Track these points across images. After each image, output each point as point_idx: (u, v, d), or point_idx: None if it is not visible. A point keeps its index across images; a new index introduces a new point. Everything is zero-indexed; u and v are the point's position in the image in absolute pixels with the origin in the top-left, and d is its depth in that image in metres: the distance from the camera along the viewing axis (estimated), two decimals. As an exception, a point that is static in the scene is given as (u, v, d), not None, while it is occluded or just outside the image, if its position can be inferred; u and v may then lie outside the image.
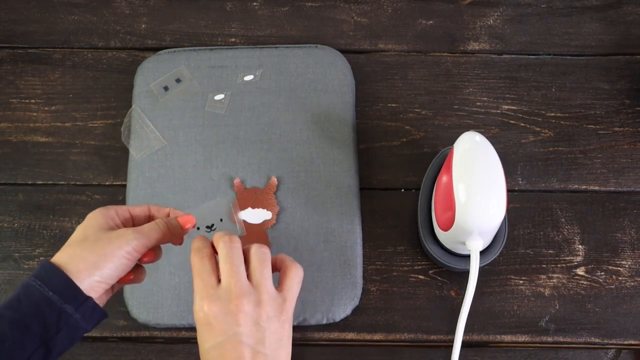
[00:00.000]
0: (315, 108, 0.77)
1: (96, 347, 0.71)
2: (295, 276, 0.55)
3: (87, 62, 0.82)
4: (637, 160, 0.78)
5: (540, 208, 0.75)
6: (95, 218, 0.59)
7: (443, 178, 0.65)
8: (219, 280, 0.53)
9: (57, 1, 0.85)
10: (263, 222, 0.72)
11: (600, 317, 0.72)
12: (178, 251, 0.71)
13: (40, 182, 0.77)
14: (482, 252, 0.68)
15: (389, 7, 0.85)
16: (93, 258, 0.56)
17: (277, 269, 0.56)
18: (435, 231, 0.70)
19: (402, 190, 0.76)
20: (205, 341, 0.52)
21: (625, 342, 0.71)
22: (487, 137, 0.65)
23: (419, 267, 0.74)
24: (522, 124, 0.79)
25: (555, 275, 0.73)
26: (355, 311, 0.71)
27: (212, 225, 0.62)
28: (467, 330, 0.70)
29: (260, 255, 0.54)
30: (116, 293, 0.72)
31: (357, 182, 0.74)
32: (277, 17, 0.84)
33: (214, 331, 0.51)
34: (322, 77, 0.78)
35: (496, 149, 0.64)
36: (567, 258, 0.74)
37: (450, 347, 0.69)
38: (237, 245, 0.54)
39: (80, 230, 0.58)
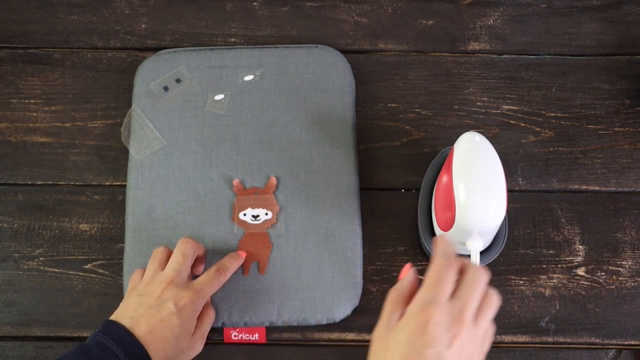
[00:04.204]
0: (315, 108, 0.77)
1: (96, 348, 0.71)
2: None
3: (87, 62, 0.82)
4: (637, 160, 0.77)
5: (541, 208, 0.75)
6: (190, 320, 0.63)
7: (443, 178, 0.65)
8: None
9: (57, 1, 0.85)
10: (263, 222, 0.72)
11: (601, 317, 0.72)
12: (178, 251, 0.72)
13: (40, 183, 0.77)
14: (482, 253, 0.68)
15: (389, 7, 0.85)
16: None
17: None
18: (436, 231, 0.70)
19: (402, 190, 0.76)
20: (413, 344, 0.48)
21: (626, 343, 0.71)
22: (487, 137, 0.65)
23: (419, 267, 0.73)
24: (522, 124, 0.79)
25: (556, 275, 0.73)
26: (356, 311, 0.71)
27: (258, 215, 0.70)
28: (467, 331, 0.70)
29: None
30: (116, 293, 0.73)
31: (357, 182, 0.74)
32: (277, 17, 0.84)
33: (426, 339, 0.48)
34: (322, 77, 0.78)
35: (496, 149, 0.64)
36: (567, 258, 0.74)
37: (450, 347, 0.69)
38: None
39: (178, 330, 0.61)
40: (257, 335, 0.70)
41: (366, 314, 0.72)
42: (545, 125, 0.79)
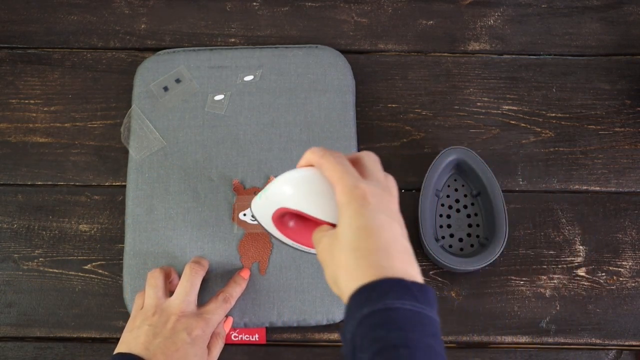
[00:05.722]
0: (315, 108, 0.76)
1: (96, 349, 0.71)
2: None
3: (87, 63, 0.82)
4: (637, 160, 0.77)
5: (541, 209, 0.75)
6: (203, 348, 0.64)
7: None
8: None
9: (57, 1, 0.85)
10: (263, 222, 0.72)
11: (601, 318, 0.72)
12: (178, 252, 0.71)
13: (39, 183, 0.77)
14: (482, 254, 0.68)
15: (389, 7, 0.85)
16: None
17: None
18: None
19: (402, 190, 0.76)
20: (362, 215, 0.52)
21: (626, 343, 0.71)
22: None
23: (420, 268, 0.73)
24: (522, 125, 0.79)
25: (556, 276, 0.73)
26: (356, 312, 0.71)
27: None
28: (467, 331, 0.70)
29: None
30: (116, 293, 0.73)
31: (357, 183, 0.74)
32: (277, 17, 0.84)
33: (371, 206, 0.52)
34: (322, 78, 0.78)
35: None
36: (567, 259, 0.74)
37: (450, 348, 0.69)
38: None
39: (193, 358, 0.63)
40: (257, 336, 0.70)
41: (366, 314, 0.72)
42: (546, 126, 0.79)
